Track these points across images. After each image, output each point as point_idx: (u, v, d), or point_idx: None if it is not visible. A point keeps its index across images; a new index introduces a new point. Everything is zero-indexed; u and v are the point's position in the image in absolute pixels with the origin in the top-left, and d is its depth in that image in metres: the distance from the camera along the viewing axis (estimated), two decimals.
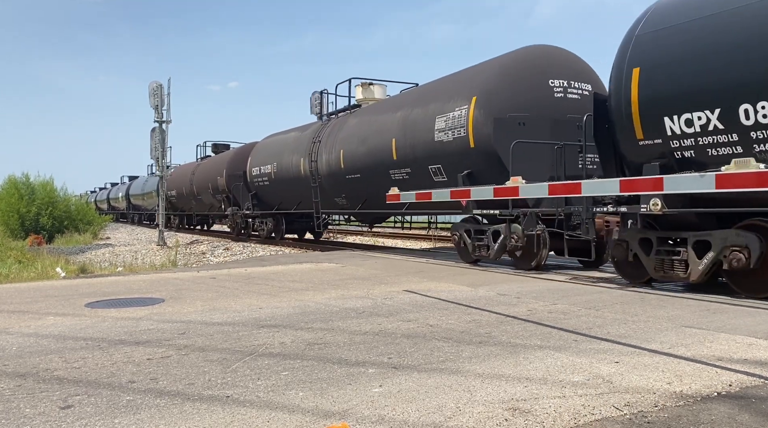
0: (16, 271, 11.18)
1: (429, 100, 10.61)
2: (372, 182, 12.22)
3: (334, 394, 2.99)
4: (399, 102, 12.10)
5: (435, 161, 10.15)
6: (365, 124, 12.68)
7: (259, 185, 18.49)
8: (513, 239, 8.64)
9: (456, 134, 9.54)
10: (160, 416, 2.70)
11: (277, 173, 16.90)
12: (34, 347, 4.05)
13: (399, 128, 11.17)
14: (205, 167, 25.56)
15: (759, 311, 5.31)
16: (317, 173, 14.36)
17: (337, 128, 13.87)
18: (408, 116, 11.01)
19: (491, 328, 4.59)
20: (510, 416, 2.67)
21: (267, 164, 17.66)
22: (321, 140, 14.38)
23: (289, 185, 16.32)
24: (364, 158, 12.30)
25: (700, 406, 2.80)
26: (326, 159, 13.88)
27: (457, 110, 9.61)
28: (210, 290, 6.76)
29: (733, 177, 5.62)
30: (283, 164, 16.43)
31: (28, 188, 25.64)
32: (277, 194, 17.53)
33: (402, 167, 11.12)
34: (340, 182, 13.50)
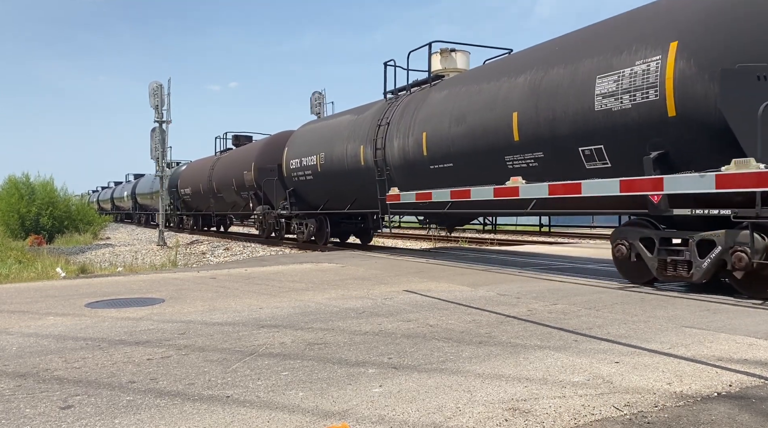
0: (17, 271, 11.19)
1: (580, 55, 7.63)
2: (474, 172, 9.34)
3: (334, 394, 2.99)
4: (519, 63, 8.87)
5: (591, 139, 7.31)
6: (461, 97, 9.68)
7: (298, 180, 15.65)
8: (743, 253, 5.70)
9: (638, 99, 6.67)
10: (160, 416, 2.70)
11: (325, 165, 14.06)
12: (34, 347, 4.05)
13: (525, 98, 8.23)
14: (227, 160, 22.43)
15: (759, 311, 5.31)
16: (385, 163, 11.57)
17: (414, 106, 11.02)
18: (541, 81, 8.02)
19: (491, 328, 4.59)
20: (510, 416, 2.67)
21: (310, 155, 14.82)
22: (390, 122, 11.52)
23: (342, 179, 13.51)
24: (461, 141, 9.41)
25: (700, 406, 2.80)
26: (399, 145, 11.11)
27: (639, 63, 6.69)
28: (210, 290, 6.76)
29: (733, 177, 5.62)
30: (335, 154, 13.60)
31: (28, 188, 25.68)
32: (324, 191, 14.66)
33: (528, 151, 8.24)
34: (421, 173, 10.59)
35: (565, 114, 7.57)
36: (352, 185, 13.17)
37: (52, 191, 26.04)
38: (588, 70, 7.34)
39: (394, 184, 11.46)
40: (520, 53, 9.58)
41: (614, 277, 7.92)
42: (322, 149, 14.28)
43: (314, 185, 15.00)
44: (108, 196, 54.93)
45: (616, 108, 6.92)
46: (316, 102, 24.23)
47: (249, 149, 20.53)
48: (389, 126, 11.55)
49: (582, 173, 7.51)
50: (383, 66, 12.51)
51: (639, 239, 6.86)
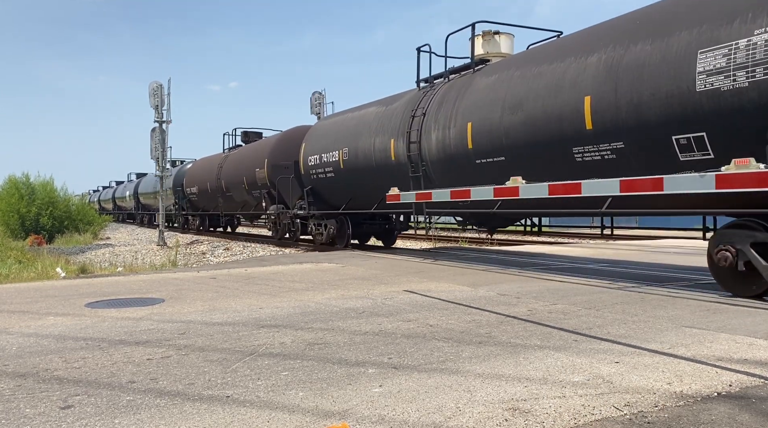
0: (17, 271, 11.19)
1: (672, 28, 6.56)
2: (531, 166, 8.31)
3: (334, 394, 2.99)
4: (589, 41, 7.77)
5: (689, 126, 6.32)
6: (516, 82, 8.60)
7: (317, 177, 14.39)
8: None
9: (759, 75, 5.68)
10: (160, 416, 2.70)
11: (349, 161, 12.85)
12: (34, 347, 4.05)
13: (600, 80, 7.19)
14: (237, 158, 21.21)
15: (759, 311, 5.31)
16: (420, 157, 10.45)
17: (455, 95, 9.92)
18: (620, 59, 6.98)
19: (491, 328, 4.59)
20: (510, 416, 2.67)
21: (332, 151, 13.62)
22: (426, 112, 10.41)
23: (369, 176, 12.32)
24: (516, 131, 8.38)
25: (700, 406, 2.80)
26: (438, 138, 10.00)
27: (760, 32, 5.68)
28: (210, 290, 6.76)
29: (733, 177, 5.62)
30: (360, 149, 12.45)
31: (28, 188, 25.69)
32: (347, 189, 13.38)
33: (604, 141, 7.18)
34: (464, 168, 9.57)
35: (653, 97, 6.55)
36: (381, 182, 11.80)
37: (52, 191, 26.05)
38: (685, 44, 6.33)
39: (431, 181, 10.39)
40: (589, 30, 8.31)
41: (614, 277, 7.92)
42: (345, 144, 13.06)
43: (336, 182, 13.70)
44: (109, 196, 53.67)
45: (726, 88, 5.90)
46: (316, 102, 24.25)
47: (261, 146, 19.31)
48: (425, 117, 10.42)
49: (674, 166, 6.49)
50: (416, 52, 11.41)
51: (750, 245, 5.92)
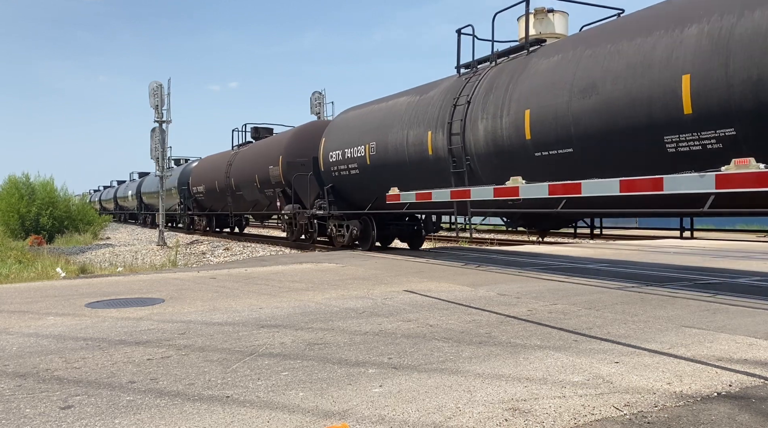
0: (17, 271, 11.20)
1: None
2: (607, 158, 7.23)
3: (334, 394, 2.99)
4: (683, 11, 6.71)
5: None
6: (586, 61, 7.49)
7: (339, 175, 13.23)
8: None
9: None
10: (161, 416, 2.70)
11: (377, 156, 11.72)
12: (34, 347, 4.06)
13: (703, 56, 6.19)
14: (248, 155, 20.07)
15: (759, 311, 5.31)
16: (464, 150, 9.31)
17: (506, 79, 8.83)
18: (731, 30, 5.97)
19: (491, 328, 4.59)
20: (510, 416, 2.67)
21: (357, 145, 12.45)
22: (471, 100, 9.28)
23: (401, 172, 11.14)
24: (588, 118, 7.29)
25: (700, 406, 2.80)
26: (487, 128, 8.90)
27: None
28: (210, 291, 6.76)
29: (733, 177, 5.62)
30: (390, 143, 11.30)
31: (28, 188, 25.69)
32: (375, 187, 12.06)
33: (708, 127, 6.17)
34: (521, 162, 8.38)
35: None
36: (415, 179, 10.75)
37: (52, 191, 26.04)
38: None
39: (476, 177, 9.20)
40: (675, 2, 7.16)
41: (614, 277, 7.92)
42: (372, 138, 11.91)
43: (360, 180, 12.53)
44: (111, 195, 52.51)
45: None
46: (316, 102, 24.27)
47: (274, 142, 18.23)
48: (470, 106, 9.30)
49: None
50: (456, 35, 10.28)
51: None
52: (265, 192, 18.22)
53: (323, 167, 14.01)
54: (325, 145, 13.98)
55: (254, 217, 23.01)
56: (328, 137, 13.98)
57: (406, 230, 14.03)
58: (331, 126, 14.26)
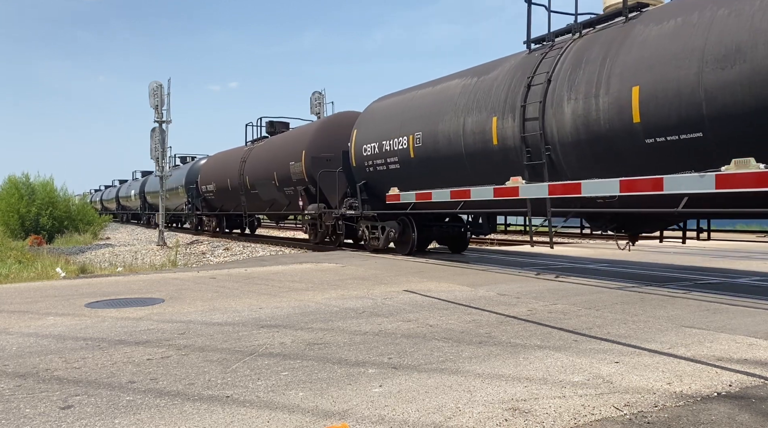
0: (16, 271, 11.19)
1: None
2: (759, 141, 5.90)
3: (334, 394, 2.99)
4: None
5: None
6: (722, 23, 6.21)
7: (376, 170, 11.87)
8: None
9: None
10: (160, 416, 2.70)
11: (424, 148, 10.35)
12: (34, 347, 4.05)
13: None
14: (265, 150, 18.68)
15: (759, 311, 5.31)
16: (543, 138, 7.97)
17: (601, 51, 7.45)
18: None
19: (491, 328, 4.59)
20: (510, 416, 2.67)
21: (397, 137, 11.10)
22: (553, 78, 7.96)
23: (455, 164, 9.74)
24: (730, 94, 5.97)
25: (700, 406, 2.80)
26: (576, 111, 7.52)
27: None
28: (210, 291, 6.76)
29: (733, 177, 5.63)
30: (441, 132, 9.91)
31: (28, 188, 25.70)
32: (421, 183, 10.67)
33: None
34: (625, 150, 7.02)
35: None
36: (474, 173, 9.35)
37: (52, 191, 26.05)
38: None
39: (560, 171, 7.92)
40: None
41: (614, 277, 7.92)
42: (417, 128, 10.58)
43: (402, 175, 11.20)
44: (113, 195, 50.90)
45: None
46: (316, 102, 24.26)
47: (296, 136, 16.85)
48: (551, 85, 7.96)
49: None
50: (527, 5, 9.00)
51: None
52: (284, 191, 16.92)
53: (355, 162, 12.60)
54: (357, 137, 12.53)
55: (269, 217, 21.52)
56: (360, 129, 12.56)
57: (450, 232, 12.44)
58: (364, 116, 12.78)
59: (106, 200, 53.98)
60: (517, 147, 8.44)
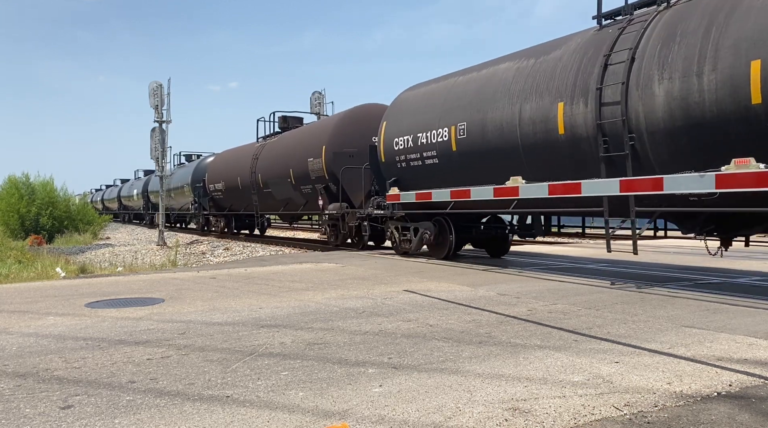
0: (16, 271, 11.20)
1: None
2: None
3: (334, 394, 2.99)
4: None
5: None
6: None
7: (410, 166, 10.77)
8: None
9: None
10: (160, 416, 2.70)
11: (469, 139, 9.21)
12: (34, 347, 4.05)
13: None
14: (280, 146, 17.69)
15: (759, 311, 5.31)
16: (626, 126, 6.86)
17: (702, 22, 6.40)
18: None
19: (491, 328, 4.59)
20: (510, 416, 2.67)
21: (436, 128, 9.99)
22: (637, 55, 6.86)
23: (509, 158, 8.54)
24: None
25: (700, 406, 2.80)
26: (671, 92, 6.44)
27: None
28: (210, 290, 6.76)
29: (733, 177, 5.62)
30: (491, 121, 8.81)
31: (28, 188, 25.72)
32: (464, 179, 9.49)
33: None
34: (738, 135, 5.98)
35: None
36: (535, 168, 8.20)
37: (52, 191, 26.07)
38: None
39: (647, 165, 6.84)
40: None
41: (614, 277, 7.92)
42: (460, 117, 9.44)
43: (441, 171, 10.01)
44: (114, 194, 49.59)
45: None
46: (316, 102, 24.25)
47: (315, 130, 15.84)
48: (635, 63, 6.89)
49: None
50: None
51: None
52: (301, 189, 15.96)
53: (384, 157, 11.38)
54: (386, 130, 11.35)
55: (282, 218, 20.46)
56: (390, 121, 11.38)
57: (490, 234, 11.18)
58: (395, 107, 11.57)
59: (108, 199, 53.09)
60: (591, 137, 7.28)
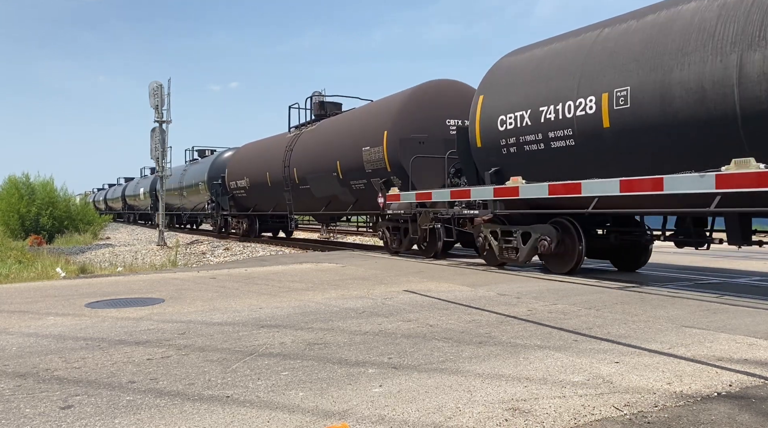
0: (17, 271, 11.19)
1: None
2: None
3: (334, 394, 2.99)
4: None
5: None
6: None
7: (520, 151, 8.41)
8: None
9: None
10: (160, 416, 2.70)
11: (633, 111, 6.85)
12: (34, 347, 4.05)
13: None
14: (322, 135, 15.21)
15: (759, 311, 5.31)
16: None
17: None
18: None
19: (491, 328, 4.59)
20: (510, 416, 2.67)
21: (568, 100, 7.65)
22: None
23: (715, 136, 6.15)
24: None
25: (700, 406, 2.80)
26: None
27: None
28: (210, 290, 6.76)
29: (733, 177, 5.62)
30: (676, 83, 6.41)
31: (28, 188, 25.72)
32: (620, 167, 7.09)
33: None
34: None
35: None
36: None
37: (52, 191, 26.07)
38: None
39: None
40: None
41: (614, 277, 7.92)
42: (617, 81, 7.02)
43: (580, 156, 7.59)
44: (118, 194, 46.78)
45: None
46: None
47: (370, 114, 13.41)
48: None
49: None
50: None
51: None
52: (350, 185, 13.54)
53: (482, 141, 9.04)
54: (484, 106, 9.01)
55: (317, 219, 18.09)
56: (490, 94, 9.03)
57: (622, 241, 8.52)
58: (496, 76, 9.18)
59: (111, 199, 50.56)
60: None
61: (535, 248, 8.35)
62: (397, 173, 11.79)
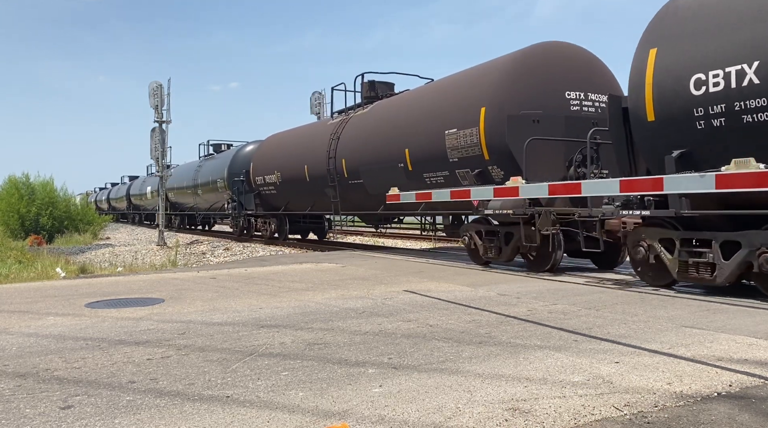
0: (16, 271, 11.19)
1: None
2: None
3: (334, 394, 2.99)
4: None
5: None
6: None
7: (732, 124, 5.83)
8: None
9: None
10: (160, 416, 2.70)
11: None
12: (34, 347, 4.05)
13: None
14: (379, 117, 12.57)
15: (759, 311, 5.31)
16: None
17: None
18: None
19: (491, 328, 4.59)
20: (510, 416, 2.67)
21: None
22: None
23: None
24: None
25: (700, 406, 2.80)
26: None
27: None
28: (210, 291, 6.76)
29: (733, 177, 5.61)
30: None
31: (28, 188, 25.69)
32: None
33: None
34: None
35: None
36: None
37: (52, 191, 26.04)
38: None
39: None
40: None
41: (614, 277, 7.92)
42: None
43: None
44: (122, 193, 43.76)
45: None
46: (316, 102, 24.25)
47: (457, 86, 10.51)
48: None
49: None
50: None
51: None
52: (424, 178, 10.90)
53: (656, 113, 6.53)
54: (660, 62, 6.49)
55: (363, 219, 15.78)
56: (671, 43, 6.42)
57: None
58: (677, 17, 6.49)
59: (114, 198, 47.65)
60: None
61: (740, 265, 5.89)
62: (501, 161, 9.13)
